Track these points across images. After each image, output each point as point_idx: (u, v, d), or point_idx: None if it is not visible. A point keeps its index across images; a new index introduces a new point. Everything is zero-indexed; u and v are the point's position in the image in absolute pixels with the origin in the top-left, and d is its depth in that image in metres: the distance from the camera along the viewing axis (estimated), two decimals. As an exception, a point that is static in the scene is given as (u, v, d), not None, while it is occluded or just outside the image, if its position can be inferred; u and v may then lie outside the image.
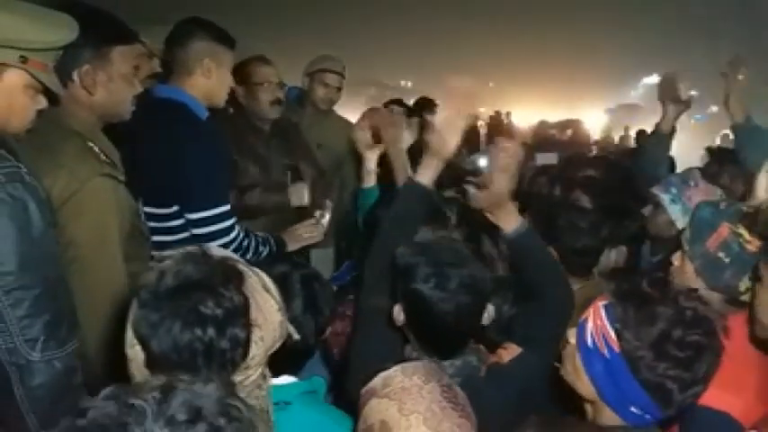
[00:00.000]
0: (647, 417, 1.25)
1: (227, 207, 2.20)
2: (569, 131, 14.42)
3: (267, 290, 1.12)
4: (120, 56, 1.80)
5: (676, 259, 1.74)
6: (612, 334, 1.24)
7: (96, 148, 1.73)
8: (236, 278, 1.07)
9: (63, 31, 1.44)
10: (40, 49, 1.40)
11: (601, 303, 1.30)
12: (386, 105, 4.57)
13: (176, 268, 1.04)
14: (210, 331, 1.01)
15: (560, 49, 42.12)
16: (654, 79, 33.56)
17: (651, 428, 1.30)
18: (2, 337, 1.28)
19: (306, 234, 2.56)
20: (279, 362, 1.39)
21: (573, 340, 1.34)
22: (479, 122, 17.62)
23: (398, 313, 1.59)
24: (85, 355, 1.62)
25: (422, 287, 1.51)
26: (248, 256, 2.26)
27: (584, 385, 1.31)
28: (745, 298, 1.59)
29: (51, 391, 1.32)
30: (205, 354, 1.01)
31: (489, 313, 1.58)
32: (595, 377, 1.27)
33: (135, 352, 1.03)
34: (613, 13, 39.15)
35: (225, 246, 2.14)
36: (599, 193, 2.68)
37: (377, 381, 1.23)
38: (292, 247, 2.50)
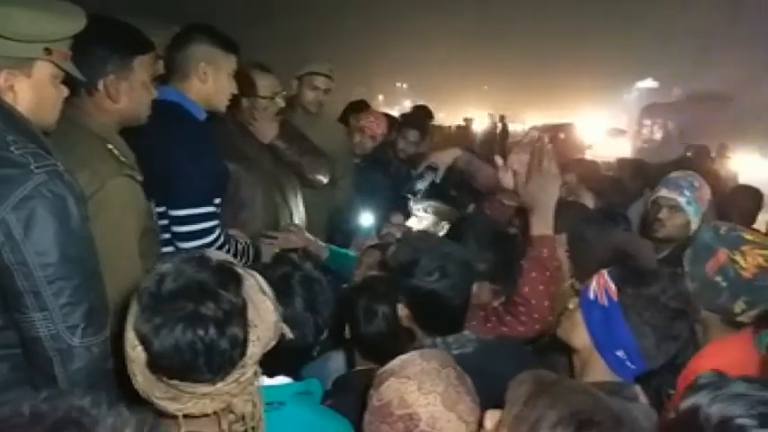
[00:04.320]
0: (629, 364, 1.47)
1: (211, 209, 2.18)
2: (562, 135, 14.51)
3: (263, 292, 1.17)
4: (141, 65, 1.88)
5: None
6: (614, 287, 1.50)
7: (116, 151, 1.81)
8: (235, 280, 1.11)
9: (78, 19, 1.53)
10: (60, 39, 1.49)
11: (604, 271, 1.56)
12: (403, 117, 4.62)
13: (176, 272, 1.07)
14: (212, 332, 1.04)
15: (554, 53, 42.30)
16: (647, 83, 33.78)
17: (624, 384, 1.50)
18: (45, 323, 1.36)
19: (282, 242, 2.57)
20: (275, 361, 1.42)
21: (572, 306, 1.59)
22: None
23: (401, 310, 1.71)
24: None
25: (426, 281, 1.65)
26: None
27: (578, 337, 1.54)
28: (742, 319, 1.74)
29: (89, 375, 1.41)
30: (206, 353, 1.04)
31: (474, 288, 1.76)
32: (592, 324, 1.51)
33: (137, 353, 1.07)
34: (607, 18, 39.34)
35: (201, 248, 2.10)
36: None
37: (395, 362, 1.34)
38: (266, 258, 2.44)
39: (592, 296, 1.53)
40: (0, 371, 1.41)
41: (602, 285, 1.52)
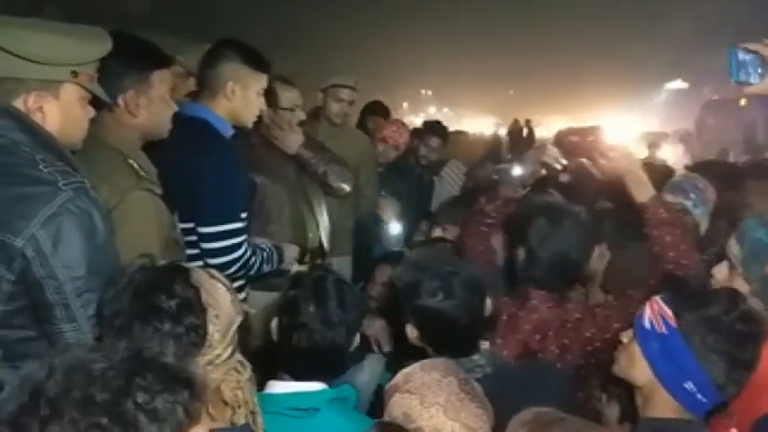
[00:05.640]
0: (700, 397, 1.35)
1: (239, 224, 2.20)
2: (590, 138, 14.30)
3: (213, 276, 1.28)
4: (159, 79, 1.93)
5: (720, 273, 1.73)
6: (670, 313, 1.38)
7: (136, 165, 1.86)
8: (182, 273, 1.23)
9: (104, 43, 1.59)
10: (87, 62, 1.55)
11: (657, 297, 1.44)
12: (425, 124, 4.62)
13: (128, 280, 1.21)
14: (167, 320, 1.16)
15: (582, 56, 41.85)
16: (677, 84, 33.14)
17: (696, 422, 1.38)
18: (75, 334, 1.42)
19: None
20: (309, 364, 1.52)
21: (626, 339, 1.48)
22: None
23: (411, 331, 1.69)
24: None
25: (431, 302, 1.62)
26: (251, 273, 2.29)
27: (639, 371, 1.41)
28: None
29: None
30: (167, 341, 1.15)
31: (488, 305, 1.70)
32: (652, 356, 1.39)
33: None
34: (636, 20, 38.82)
35: (231, 262, 2.16)
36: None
37: (398, 378, 1.36)
38: (289, 259, 2.47)
39: (647, 325, 1.41)
40: None
41: (656, 312, 1.41)
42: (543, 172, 2.18)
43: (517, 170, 2.05)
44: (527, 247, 1.89)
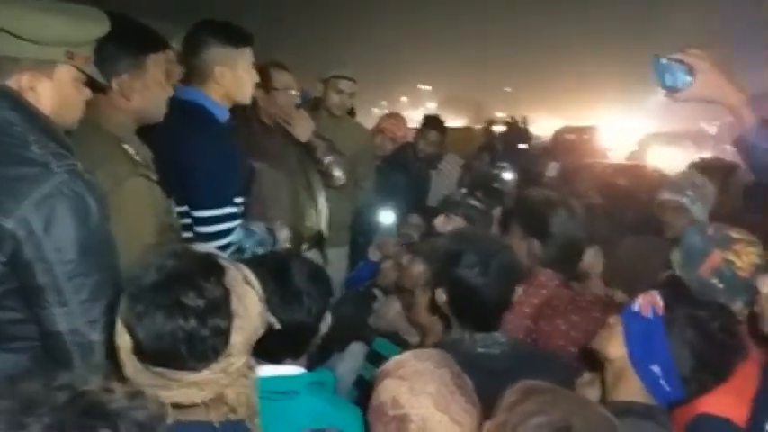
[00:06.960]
0: (663, 383, 1.40)
1: (233, 209, 2.21)
2: (586, 137, 14.47)
3: (248, 282, 1.19)
4: (154, 63, 1.90)
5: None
6: (661, 303, 1.45)
7: (131, 150, 1.83)
8: (217, 272, 1.15)
9: (102, 24, 1.57)
10: (83, 43, 1.53)
11: (654, 291, 1.50)
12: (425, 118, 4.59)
13: (161, 263, 1.12)
14: (192, 321, 1.08)
15: (577, 53, 41.88)
16: (673, 85, 33.13)
17: (658, 408, 1.42)
18: (66, 318, 1.40)
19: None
20: (280, 342, 1.47)
21: (612, 321, 1.54)
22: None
23: (440, 295, 1.74)
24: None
25: (467, 273, 1.67)
26: (244, 257, 2.24)
27: (614, 346, 1.48)
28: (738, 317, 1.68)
29: (107, 369, 1.40)
30: (187, 342, 1.08)
31: (518, 292, 1.76)
32: (630, 334, 1.46)
33: (124, 341, 1.12)
34: (633, 16, 38.87)
35: (225, 247, 2.14)
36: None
37: (390, 363, 1.36)
38: (282, 240, 2.44)
39: (636, 308, 1.49)
40: (20, 362, 1.44)
41: (648, 301, 1.47)
42: None
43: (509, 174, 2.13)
44: (545, 234, 2.04)
